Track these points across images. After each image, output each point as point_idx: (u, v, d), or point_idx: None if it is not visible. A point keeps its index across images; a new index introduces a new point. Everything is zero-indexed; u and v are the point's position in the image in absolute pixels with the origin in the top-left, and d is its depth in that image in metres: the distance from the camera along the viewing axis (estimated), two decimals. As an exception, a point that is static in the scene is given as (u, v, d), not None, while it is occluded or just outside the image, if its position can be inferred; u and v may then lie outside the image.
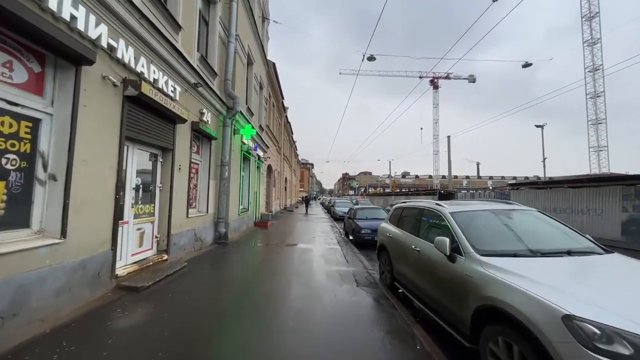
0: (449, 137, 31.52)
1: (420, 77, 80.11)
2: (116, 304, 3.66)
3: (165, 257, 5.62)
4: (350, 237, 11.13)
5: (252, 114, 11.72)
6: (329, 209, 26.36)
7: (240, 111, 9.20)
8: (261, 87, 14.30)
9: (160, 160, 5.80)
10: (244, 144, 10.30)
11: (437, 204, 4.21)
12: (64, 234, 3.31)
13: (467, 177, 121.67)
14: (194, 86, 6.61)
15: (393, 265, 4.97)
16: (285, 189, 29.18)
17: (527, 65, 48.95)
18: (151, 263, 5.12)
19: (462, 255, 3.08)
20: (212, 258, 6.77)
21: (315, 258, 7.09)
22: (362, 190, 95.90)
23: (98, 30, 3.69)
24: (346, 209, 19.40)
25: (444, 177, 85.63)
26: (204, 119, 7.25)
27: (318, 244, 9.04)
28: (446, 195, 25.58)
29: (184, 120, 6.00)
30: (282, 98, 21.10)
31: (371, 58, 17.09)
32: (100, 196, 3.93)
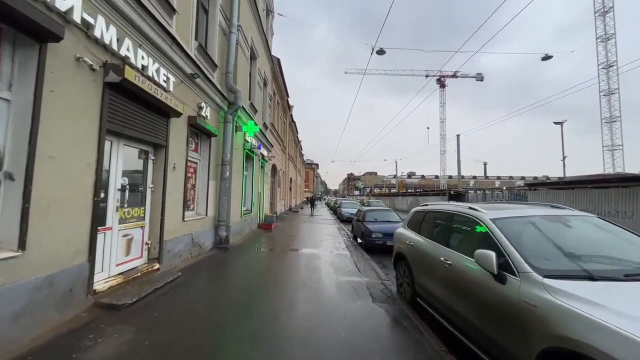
0: (458, 136, 30.60)
1: (427, 76, 78.89)
2: (89, 328, 3.06)
3: (157, 266, 5.03)
4: (359, 241, 10.47)
5: (255, 110, 11.14)
6: (334, 209, 25.71)
7: (243, 107, 8.61)
8: (265, 84, 13.72)
9: (152, 157, 5.22)
10: (247, 142, 9.71)
11: (471, 207, 3.53)
12: (22, 245, 2.72)
13: (474, 177, 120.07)
14: (190, 77, 6.02)
15: (414, 277, 4.30)
16: (290, 189, 28.62)
17: (546, 57, 47.28)
18: (139, 274, 4.53)
19: (516, 276, 2.40)
20: (211, 266, 6.17)
21: (324, 266, 6.45)
22: (368, 190, 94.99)
23: (69, 2, 3.10)
24: (353, 210, 18.74)
25: (450, 177, 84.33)
26: (203, 113, 6.67)
27: (326, 249, 8.40)
28: (456, 195, 24.73)
29: (178, 114, 5.41)
30: (287, 96, 20.53)
31: (380, 51, 16.34)
32: (74, 198, 3.35)
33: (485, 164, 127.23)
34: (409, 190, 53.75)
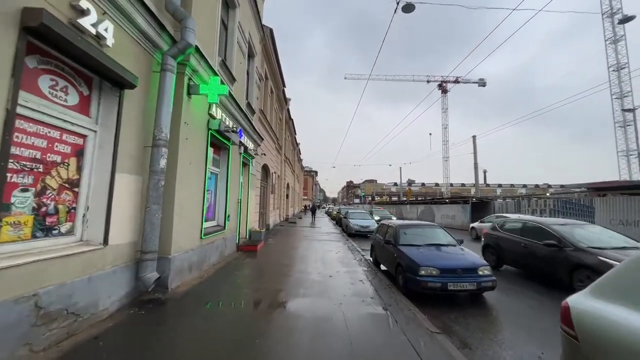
0: (474, 137, 27.18)
1: (428, 82, 76.57)
2: None
3: None
4: (382, 267, 6.88)
5: (232, 78, 7.50)
6: (338, 220, 21.87)
7: (199, 49, 4.97)
8: (252, 54, 10.17)
9: None
10: (213, 117, 6.05)
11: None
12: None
13: (474, 184, 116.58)
14: None
15: None
16: (287, 197, 24.87)
17: (625, 19, 43.71)
18: None
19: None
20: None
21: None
22: (370, 198, 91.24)
23: None
24: (365, 222, 14.99)
25: (452, 184, 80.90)
26: (92, 26, 3.03)
27: (343, 299, 4.63)
28: (479, 204, 21.05)
29: None
30: (283, 85, 17.05)
31: (408, 7, 12.75)
32: None
33: (485, 172, 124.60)
34: (419, 198, 50.01)
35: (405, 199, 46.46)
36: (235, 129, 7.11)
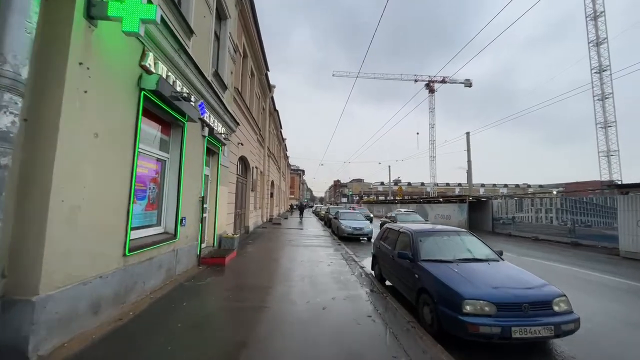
0: (468, 133, 26.01)
1: (416, 81, 76.08)
2: None
3: None
4: (388, 283, 5.13)
5: (186, 24, 5.39)
6: (327, 220, 19.99)
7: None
8: (223, 14, 8.05)
9: None
10: (149, 72, 3.97)
11: None
12: None
13: (459, 184, 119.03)
14: None
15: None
16: (272, 196, 22.74)
17: None
18: None
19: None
20: None
21: None
22: (358, 198, 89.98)
23: None
24: (358, 225, 13.15)
25: (436, 184, 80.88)
26: None
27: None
28: (476, 203, 19.73)
29: None
30: (266, 68, 14.94)
31: None
32: None
33: (468, 172, 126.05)
34: (406, 198, 48.98)
35: (394, 198, 45.27)
36: (192, 98, 5.04)
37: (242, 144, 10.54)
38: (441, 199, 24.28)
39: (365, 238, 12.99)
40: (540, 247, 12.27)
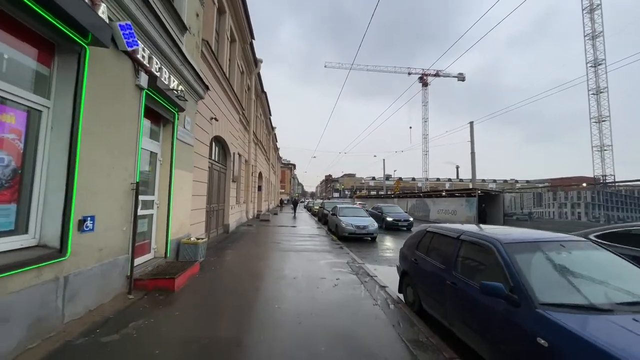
0: (471, 122, 24.15)
1: (409, 74, 74.20)
2: None
3: None
4: (423, 306, 2.78)
5: None
6: (322, 216, 17.75)
7: None
8: None
9: None
10: None
11: None
12: None
13: (450, 179, 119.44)
14: None
15: None
16: (260, 189, 20.29)
17: None
18: None
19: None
20: None
21: None
22: (352, 192, 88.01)
23: None
24: (362, 222, 10.94)
25: (426, 179, 79.84)
26: None
27: None
28: (484, 197, 17.89)
29: None
30: (251, 37, 12.40)
31: None
32: None
33: (457, 167, 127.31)
34: (412, 192, 47.31)
35: (392, 192, 43.49)
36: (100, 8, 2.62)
37: (216, 119, 8.09)
38: (444, 193, 22.38)
39: (369, 237, 10.82)
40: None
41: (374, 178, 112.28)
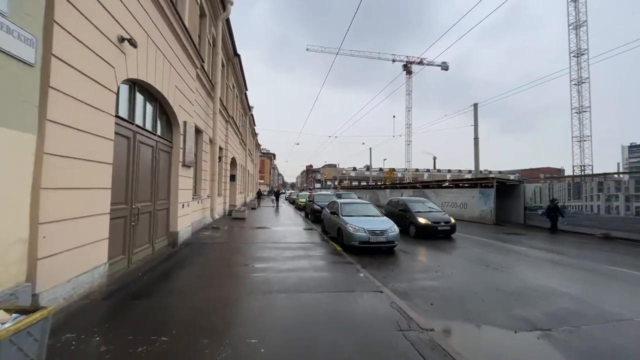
0: (475, 104, 21.45)
1: (394, 61, 71.29)
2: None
3: None
4: None
5: None
6: (310, 212, 14.22)
7: None
8: None
9: None
10: None
11: None
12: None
13: (428, 170, 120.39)
14: None
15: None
16: (233, 179, 16.35)
17: None
18: None
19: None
20: None
21: None
22: (336, 182, 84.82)
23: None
24: (377, 226, 7.37)
25: (406, 169, 78.44)
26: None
27: None
28: (501, 187, 15.21)
29: None
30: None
31: None
32: None
33: (434, 158, 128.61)
34: (379, 183, 44.70)
35: (383, 183, 40.75)
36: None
37: (133, 45, 4.20)
38: (448, 183, 19.63)
39: (385, 247, 7.44)
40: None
41: (354, 169, 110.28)
